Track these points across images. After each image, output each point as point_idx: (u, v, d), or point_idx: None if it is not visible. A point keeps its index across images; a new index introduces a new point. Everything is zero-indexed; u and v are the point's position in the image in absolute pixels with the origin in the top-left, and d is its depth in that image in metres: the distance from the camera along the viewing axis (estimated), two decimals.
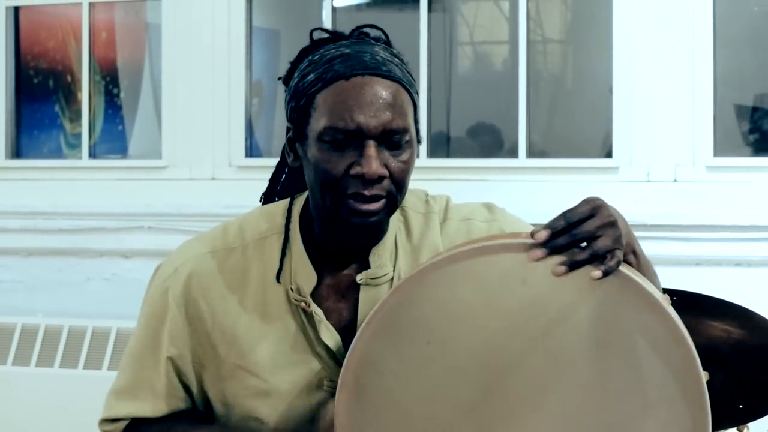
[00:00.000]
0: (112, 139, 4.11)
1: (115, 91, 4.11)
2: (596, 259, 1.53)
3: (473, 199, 1.87)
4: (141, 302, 1.82)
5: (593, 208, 1.55)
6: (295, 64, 1.73)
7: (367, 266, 1.73)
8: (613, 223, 1.55)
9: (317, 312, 1.71)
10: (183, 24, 3.77)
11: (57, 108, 4.10)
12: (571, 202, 1.59)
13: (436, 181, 3.48)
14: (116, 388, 1.81)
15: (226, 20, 3.74)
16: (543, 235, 1.53)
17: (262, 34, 3.87)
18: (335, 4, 3.77)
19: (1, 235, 3.86)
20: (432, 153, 3.72)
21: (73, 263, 3.79)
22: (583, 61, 4.46)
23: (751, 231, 3.23)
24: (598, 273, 1.51)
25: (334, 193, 1.65)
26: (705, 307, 2.15)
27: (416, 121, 1.72)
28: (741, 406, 2.14)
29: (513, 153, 3.59)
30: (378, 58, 1.67)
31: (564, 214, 1.55)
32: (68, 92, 4.09)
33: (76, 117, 4.04)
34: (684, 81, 3.33)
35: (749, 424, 2.23)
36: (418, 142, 1.73)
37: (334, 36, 1.74)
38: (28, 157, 4.09)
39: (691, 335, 1.61)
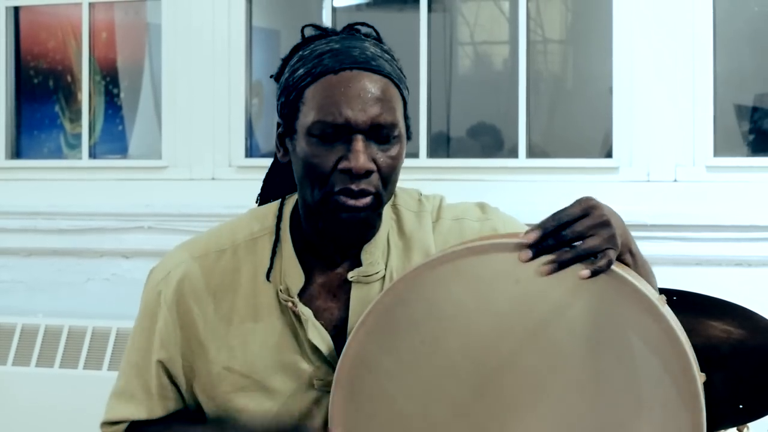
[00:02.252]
0: (113, 139, 4.11)
1: (115, 91, 4.11)
2: (583, 258, 1.52)
3: (473, 199, 1.87)
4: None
5: (585, 208, 1.55)
6: (286, 60, 1.74)
7: (359, 264, 1.73)
8: (605, 223, 1.54)
9: (304, 312, 1.70)
10: (183, 24, 3.77)
11: (57, 108, 4.10)
12: (571, 202, 1.59)
13: (436, 181, 3.48)
14: (116, 390, 1.82)
15: (226, 20, 3.74)
16: (533, 236, 1.53)
17: (262, 34, 3.87)
18: (335, 4, 3.77)
19: (1, 235, 3.86)
20: (432, 153, 3.71)
21: (73, 263, 3.79)
22: (584, 61, 4.46)
23: (751, 231, 3.23)
24: (585, 272, 1.51)
25: (322, 189, 1.65)
26: (705, 307, 2.15)
27: (406, 117, 1.71)
28: (741, 407, 2.14)
29: (513, 153, 3.59)
30: (367, 53, 1.68)
31: (555, 215, 1.54)
32: (68, 92, 4.09)
33: (76, 117, 4.04)
34: (684, 81, 3.33)
35: (749, 424, 2.23)
36: (408, 138, 1.71)
37: (325, 32, 1.74)
38: (28, 158, 4.09)
39: (691, 335, 1.61)
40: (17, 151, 4.09)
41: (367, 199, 1.64)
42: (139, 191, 3.78)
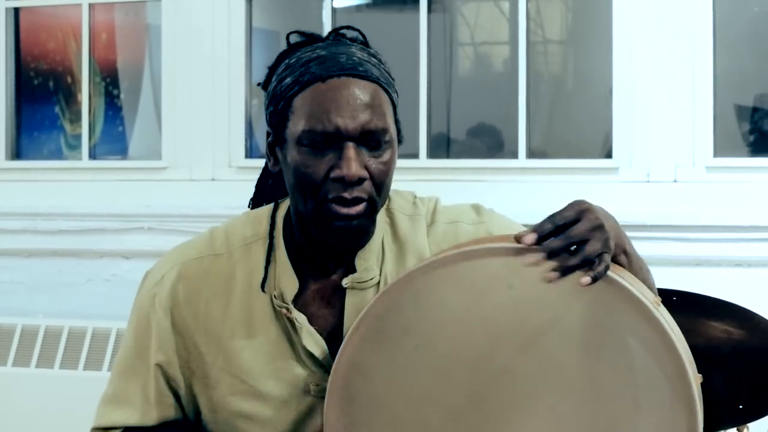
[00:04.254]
0: (113, 140, 4.11)
1: (116, 92, 4.11)
2: (587, 264, 1.51)
3: (473, 201, 1.87)
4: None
5: (579, 211, 1.54)
6: (272, 69, 1.73)
7: (353, 270, 1.72)
8: (600, 227, 1.53)
9: (298, 318, 1.70)
10: (183, 25, 3.77)
11: (57, 109, 4.10)
12: (564, 205, 1.58)
13: (436, 182, 3.48)
14: (107, 395, 1.80)
15: (226, 21, 3.74)
16: (530, 238, 1.52)
17: (262, 35, 3.87)
18: (335, 5, 3.77)
19: (2, 236, 3.86)
20: (432, 154, 3.71)
21: (73, 264, 3.79)
22: (584, 62, 4.46)
23: (751, 231, 3.23)
24: (587, 279, 1.50)
25: (315, 198, 1.63)
26: (705, 308, 2.15)
27: (397, 121, 1.70)
28: (741, 407, 2.14)
29: (513, 154, 3.59)
30: (354, 58, 1.66)
31: (551, 218, 1.54)
32: (68, 93, 4.09)
33: (76, 118, 4.04)
34: (684, 81, 3.33)
35: (749, 425, 2.23)
36: (400, 142, 1.70)
37: (311, 39, 1.72)
38: (28, 158, 4.09)
39: (691, 336, 1.61)
40: (17, 152, 4.09)
41: (361, 207, 1.63)
42: (139, 192, 3.78)
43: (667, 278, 1.97)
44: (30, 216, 3.83)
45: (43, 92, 4.11)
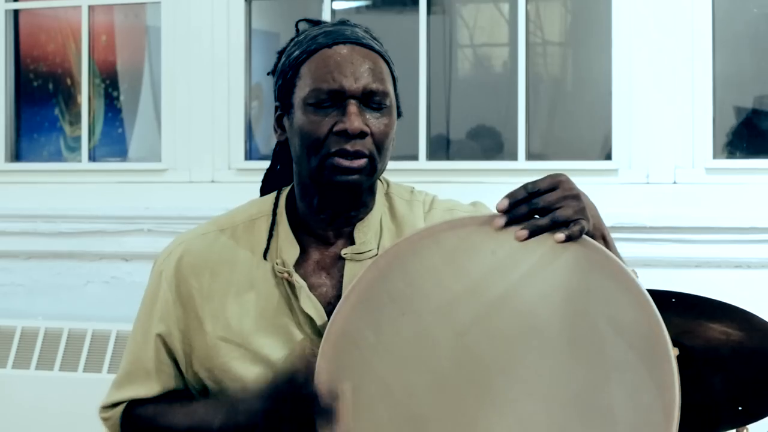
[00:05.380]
0: (112, 142, 4.11)
1: (115, 94, 4.11)
2: (558, 225, 1.59)
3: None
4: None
5: (555, 182, 1.61)
6: (281, 52, 1.83)
7: (352, 243, 1.79)
8: (575, 196, 1.61)
9: (299, 281, 1.76)
10: (182, 27, 3.77)
11: (57, 111, 4.10)
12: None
13: (436, 184, 3.47)
14: (116, 379, 1.87)
15: (225, 23, 3.74)
16: (503, 204, 1.61)
17: (261, 36, 3.88)
18: (335, 7, 3.77)
19: (1, 238, 3.85)
20: (432, 155, 3.72)
21: (72, 266, 3.79)
22: (583, 64, 4.46)
23: (751, 233, 3.23)
24: (560, 236, 1.58)
25: (318, 154, 1.72)
26: (704, 309, 2.15)
27: (396, 95, 1.79)
28: (740, 408, 2.14)
29: (513, 156, 3.59)
30: (358, 33, 1.78)
31: (525, 185, 1.62)
32: (68, 95, 4.09)
33: (75, 120, 4.04)
34: (683, 83, 3.33)
35: (748, 426, 2.23)
36: (399, 115, 1.79)
37: (318, 22, 1.84)
38: (28, 161, 4.09)
39: (691, 337, 1.62)
40: (17, 154, 4.09)
41: (362, 161, 1.72)
42: (139, 194, 3.78)
43: (666, 280, 1.98)
44: (30, 218, 3.83)
45: (42, 94, 4.11)
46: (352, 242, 1.79)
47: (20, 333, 3.70)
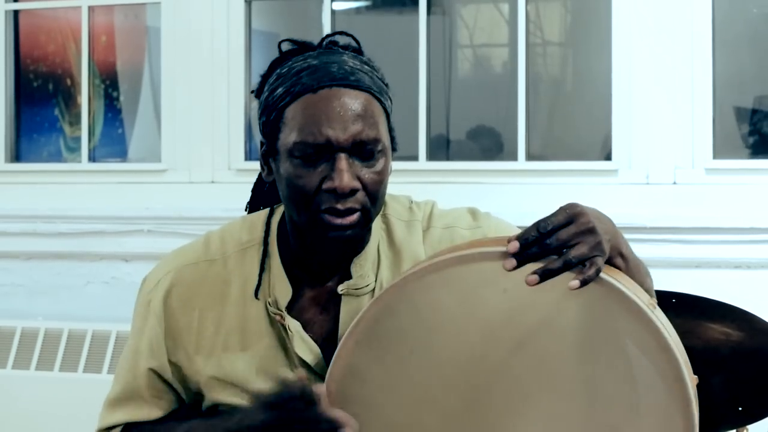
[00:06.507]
0: (112, 142, 4.11)
1: (115, 94, 4.11)
2: (571, 267, 1.50)
3: (472, 203, 1.87)
4: None
5: (570, 215, 1.53)
6: (265, 78, 1.73)
7: (348, 277, 1.72)
8: (591, 230, 1.52)
9: (291, 325, 1.70)
10: (182, 27, 3.77)
11: (57, 112, 4.10)
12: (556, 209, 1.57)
13: (436, 184, 3.48)
14: (109, 398, 1.82)
15: (225, 23, 3.74)
16: (514, 246, 1.52)
17: (261, 37, 3.88)
18: (334, 8, 3.77)
19: (1, 238, 3.85)
20: (431, 156, 3.71)
21: (73, 267, 3.79)
22: (583, 64, 4.47)
23: (751, 233, 3.23)
24: (575, 283, 1.49)
25: (308, 209, 1.63)
26: (704, 310, 2.15)
27: (390, 129, 1.69)
28: (740, 409, 2.14)
29: (513, 156, 3.59)
30: (346, 67, 1.66)
31: (537, 224, 1.53)
32: (68, 96, 4.08)
33: (75, 121, 4.04)
34: (683, 83, 3.33)
35: (748, 427, 2.23)
36: (394, 150, 1.70)
37: (302, 47, 1.72)
38: (28, 161, 4.09)
39: (690, 338, 1.61)
40: (17, 155, 4.09)
41: (354, 217, 1.63)
42: (139, 194, 3.78)
43: (666, 280, 1.97)
44: (30, 218, 3.82)
45: (42, 95, 4.11)
46: (348, 276, 1.72)
47: (20, 333, 3.70)
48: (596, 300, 1.52)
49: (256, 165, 3.67)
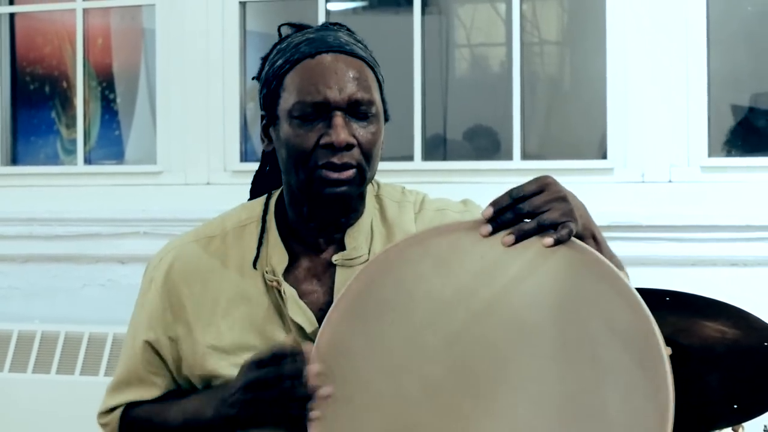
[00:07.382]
0: (109, 144, 4.11)
1: (111, 96, 4.11)
2: (545, 228, 1.58)
3: None
4: None
5: (542, 184, 1.62)
6: (265, 58, 1.82)
7: (343, 249, 1.79)
8: (562, 198, 1.61)
9: (287, 289, 1.75)
10: (177, 29, 3.77)
11: (53, 114, 4.11)
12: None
13: (433, 184, 3.48)
14: (111, 384, 1.88)
15: (220, 25, 3.74)
16: (488, 211, 1.61)
17: (256, 38, 3.88)
18: (330, 8, 3.77)
19: None
20: (428, 156, 3.71)
21: (69, 269, 3.79)
22: (580, 63, 4.46)
23: (747, 231, 3.23)
24: (549, 240, 1.57)
25: (306, 167, 1.71)
26: (699, 308, 2.15)
27: (383, 100, 1.78)
28: (736, 406, 2.15)
29: (509, 155, 3.59)
30: (341, 39, 1.76)
31: (510, 191, 1.61)
32: (64, 98, 4.09)
33: (72, 123, 4.04)
34: (678, 81, 3.33)
35: (744, 424, 2.23)
36: (386, 119, 1.78)
37: (300, 27, 1.83)
38: (24, 164, 4.09)
39: (686, 336, 1.62)
40: (13, 157, 4.09)
41: (350, 172, 1.71)
42: (135, 196, 3.78)
43: (662, 278, 1.98)
44: (26, 221, 3.83)
45: (39, 97, 4.11)
46: (342, 248, 1.78)
47: (17, 336, 3.70)
48: (568, 263, 1.57)
49: (252, 166, 3.66)
